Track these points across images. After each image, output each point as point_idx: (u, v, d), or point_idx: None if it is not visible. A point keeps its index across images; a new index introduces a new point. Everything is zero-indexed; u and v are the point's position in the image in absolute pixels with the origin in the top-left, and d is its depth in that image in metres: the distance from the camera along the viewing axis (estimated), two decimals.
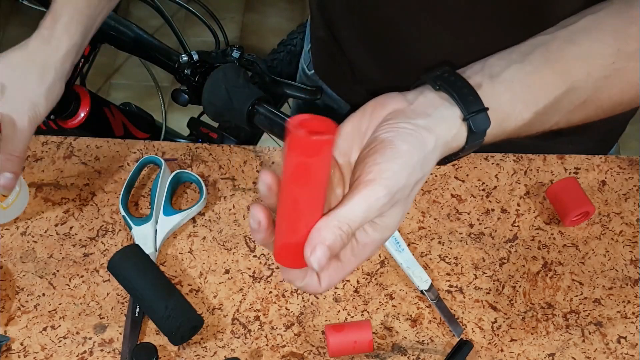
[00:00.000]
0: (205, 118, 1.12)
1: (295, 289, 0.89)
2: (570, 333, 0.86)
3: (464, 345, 0.82)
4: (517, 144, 0.95)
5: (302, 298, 0.88)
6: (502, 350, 0.85)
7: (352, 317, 0.87)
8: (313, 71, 1.12)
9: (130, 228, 0.92)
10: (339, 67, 1.02)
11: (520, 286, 0.89)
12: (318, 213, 0.54)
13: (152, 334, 0.86)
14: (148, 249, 0.90)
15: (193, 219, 0.94)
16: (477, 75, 0.65)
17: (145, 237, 0.91)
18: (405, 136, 0.59)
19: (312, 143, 0.48)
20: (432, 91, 0.62)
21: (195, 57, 0.98)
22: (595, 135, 1.01)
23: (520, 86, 0.65)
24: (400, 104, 0.62)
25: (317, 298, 0.88)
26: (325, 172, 0.52)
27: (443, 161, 0.66)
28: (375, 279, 0.90)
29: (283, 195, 0.53)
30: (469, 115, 0.62)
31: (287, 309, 0.88)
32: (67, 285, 0.89)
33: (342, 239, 0.55)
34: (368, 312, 0.87)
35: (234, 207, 0.95)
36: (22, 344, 0.85)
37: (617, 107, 0.71)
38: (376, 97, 0.63)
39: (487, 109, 0.62)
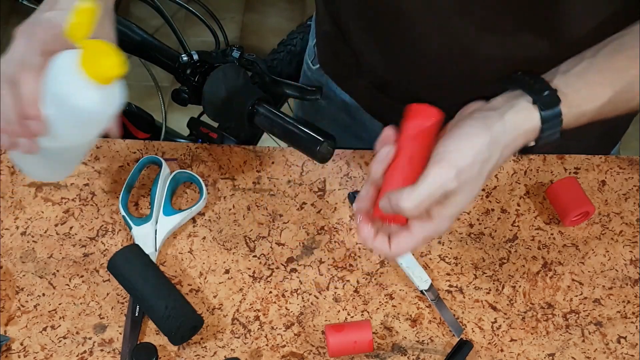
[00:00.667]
0: (205, 118, 1.12)
1: (295, 289, 0.89)
2: (570, 333, 0.86)
3: (464, 345, 0.82)
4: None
5: (302, 298, 0.88)
6: (502, 350, 0.85)
7: (352, 317, 0.87)
8: (318, 65, 1.12)
9: (130, 228, 0.92)
10: (345, 61, 1.02)
11: (520, 286, 0.89)
12: (416, 173, 0.67)
13: (152, 334, 0.86)
14: (148, 249, 0.90)
15: (193, 219, 0.94)
16: (549, 74, 0.71)
17: (145, 237, 0.91)
18: (471, 121, 0.67)
19: (431, 111, 0.69)
20: (508, 92, 0.70)
21: (195, 57, 0.97)
22: (597, 132, 1.00)
23: (594, 73, 0.71)
24: (479, 104, 0.70)
25: (317, 298, 0.88)
26: (432, 140, 0.68)
27: (528, 150, 0.72)
28: (375, 279, 0.90)
29: (400, 153, 0.69)
30: (537, 97, 0.68)
31: (287, 309, 0.88)
32: (67, 285, 0.89)
33: (400, 208, 0.66)
34: (368, 312, 0.87)
35: (234, 207, 0.95)
36: (22, 344, 0.85)
37: None
38: None
39: (556, 90, 0.69)
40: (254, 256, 0.92)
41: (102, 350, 0.85)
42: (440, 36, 0.87)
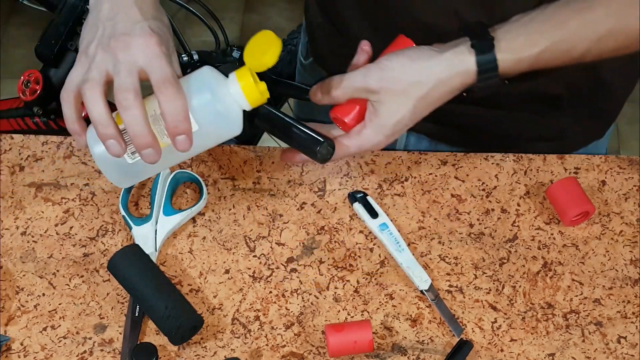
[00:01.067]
0: None
1: (295, 289, 0.89)
2: (570, 333, 0.86)
3: (464, 345, 0.82)
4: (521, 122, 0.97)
5: (302, 298, 0.88)
6: (502, 350, 0.85)
7: (352, 317, 0.87)
8: (311, 59, 1.11)
9: (130, 228, 0.92)
10: (339, 51, 1.02)
11: (520, 286, 0.89)
12: None
13: (152, 334, 0.86)
14: (148, 249, 0.90)
15: (193, 219, 0.94)
16: (503, 23, 0.79)
17: (145, 237, 0.91)
18: (415, 48, 0.82)
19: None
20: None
21: (196, 57, 0.98)
22: (594, 110, 1.00)
23: (536, 23, 0.78)
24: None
25: (317, 298, 0.88)
26: None
27: (467, 90, 0.81)
28: (375, 279, 0.90)
29: None
30: (475, 42, 0.77)
31: (287, 309, 0.88)
32: (67, 285, 0.89)
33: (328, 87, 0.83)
34: (368, 312, 0.87)
35: (234, 207, 0.95)
36: (22, 344, 0.85)
37: None
38: None
39: (492, 37, 0.77)
40: (254, 256, 0.92)
41: (102, 350, 0.85)
42: (439, 16, 0.87)
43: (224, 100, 0.74)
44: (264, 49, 0.74)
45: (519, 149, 1.00)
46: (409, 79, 0.79)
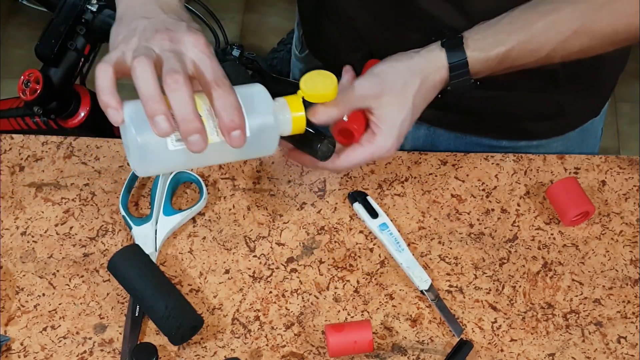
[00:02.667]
0: None
1: (295, 289, 0.89)
2: (570, 333, 0.86)
3: (464, 345, 0.82)
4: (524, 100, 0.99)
5: (302, 298, 0.88)
6: (502, 350, 0.85)
7: (352, 317, 0.87)
8: (306, 52, 1.12)
9: (130, 228, 0.92)
10: (333, 37, 1.02)
11: (520, 286, 0.89)
12: None
13: (152, 334, 0.86)
14: (148, 249, 0.90)
15: (193, 219, 0.94)
16: (477, 25, 0.83)
17: (145, 237, 0.91)
18: (395, 55, 0.85)
19: None
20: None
21: None
22: (590, 85, 1.01)
23: (504, 24, 0.82)
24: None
25: (317, 298, 0.88)
26: None
27: (444, 90, 0.85)
28: (375, 279, 0.90)
29: None
30: (444, 41, 0.82)
31: (287, 309, 0.88)
32: (67, 285, 0.89)
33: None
34: (368, 312, 0.87)
35: (234, 207, 0.95)
36: (22, 344, 0.85)
37: (613, 37, 0.83)
38: None
39: (462, 36, 0.82)
40: (254, 256, 0.92)
41: (102, 350, 0.85)
42: (436, 3, 0.88)
43: (273, 121, 0.74)
44: (323, 82, 0.77)
45: (518, 129, 1.00)
46: (402, 78, 0.82)
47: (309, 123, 0.85)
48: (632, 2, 0.80)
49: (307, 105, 0.78)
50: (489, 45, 0.82)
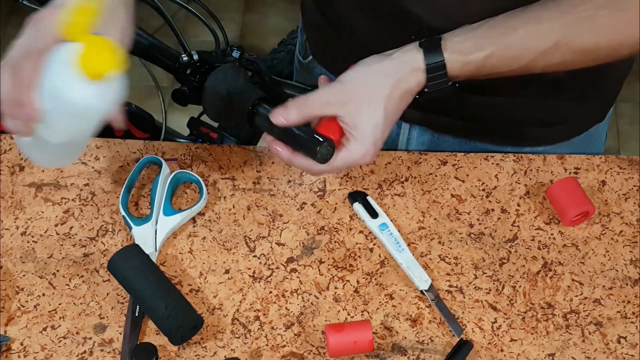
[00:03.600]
0: (205, 118, 1.12)
1: (295, 289, 0.89)
2: (570, 333, 0.86)
3: (464, 345, 0.82)
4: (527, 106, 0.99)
5: (302, 298, 0.88)
6: (502, 350, 0.85)
7: (352, 317, 0.87)
8: (310, 58, 1.12)
9: (130, 228, 0.92)
10: (337, 46, 1.02)
11: (520, 286, 0.89)
12: None
13: (152, 334, 0.86)
14: (148, 249, 0.90)
15: (193, 219, 0.94)
16: (450, 31, 0.82)
17: (145, 237, 0.91)
18: (367, 59, 0.84)
19: None
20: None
21: (196, 57, 0.97)
22: (594, 91, 1.01)
23: (484, 29, 0.81)
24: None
25: (317, 298, 0.88)
26: None
27: (421, 92, 0.83)
28: (375, 279, 0.90)
29: None
30: (422, 42, 0.80)
31: (287, 309, 0.88)
32: (67, 285, 0.89)
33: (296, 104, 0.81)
34: (368, 312, 0.87)
35: (234, 207, 0.95)
36: (22, 344, 0.85)
37: (595, 52, 0.82)
38: None
39: (440, 38, 0.80)
40: (254, 256, 0.92)
41: (102, 350, 0.85)
42: (434, 10, 0.87)
43: (62, 74, 0.70)
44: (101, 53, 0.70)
45: (522, 135, 1.00)
46: (371, 82, 0.81)
47: (307, 124, 0.85)
48: (613, 20, 0.79)
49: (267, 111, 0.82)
50: (467, 49, 0.81)
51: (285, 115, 0.81)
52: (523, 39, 0.80)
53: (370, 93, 0.81)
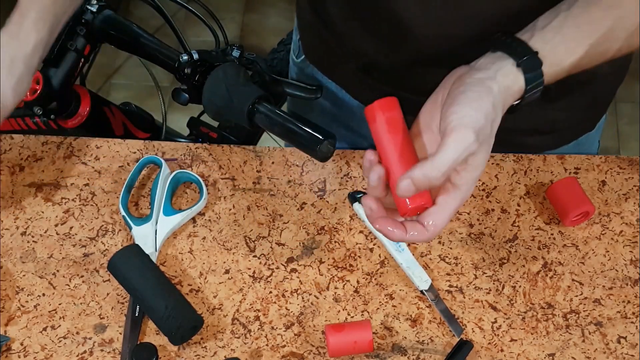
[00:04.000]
0: (205, 117, 1.12)
1: (295, 289, 0.89)
2: (570, 333, 0.86)
3: (464, 345, 0.82)
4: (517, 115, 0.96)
5: (302, 298, 0.88)
6: (502, 350, 0.85)
7: (352, 317, 0.87)
8: (303, 57, 1.12)
9: (130, 228, 0.92)
10: (329, 48, 1.02)
11: (520, 286, 0.89)
12: (413, 155, 0.70)
13: (152, 334, 0.86)
14: (148, 249, 0.90)
15: (193, 219, 0.94)
16: (528, 32, 0.74)
17: (145, 237, 0.91)
18: (471, 86, 0.69)
19: (390, 101, 0.70)
20: (490, 53, 0.73)
21: (196, 56, 0.97)
22: (585, 100, 1.00)
23: (569, 28, 0.74)
24: (464, 69, 0.72)
25: (317, 298, 0.88)
26: (402, 122, 0.70)
27: (512, 109, 0.74)
28: (375, 279, 0.90)
29: (383, 150, 0.69)
30: (520, 60, 0.71)
31: (287, 309, 0.88)
32: (67, 285, 0.89)
33: (428, 180, 0.65)
34: (368, 312, 0.87)
35: (234, 207, 0.95)
36: (22, 344, 0.85)
37: None
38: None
39: (537, 52, 0.72)
40: (254, 256, 0.92)
41: (102, 350, 0.85)
42: (422, 13, 0.87)
43: None
44: None
45: (512, 143, 1.00)
46: (490, 119, 0.69)
47: (307, 122, 0.85)
48: None
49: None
50: (562, 56, 0.73)
51: (430, 182, 0.67)
52: (610, 30, 0.74)
53: (492, 131, 0.70)
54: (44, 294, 0.89)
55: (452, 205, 0.69)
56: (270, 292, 0.89)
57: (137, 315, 0.86)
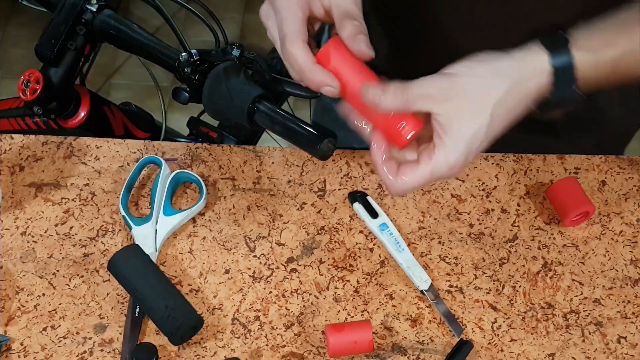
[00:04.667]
0: (205, 117, 1.12)
1: (295, 289, 0.89)
2: (570, 333, 0.86)
3: (464, 345, 0.82)
4: (518, 143, 0.94)
5: (302, 298, 0.88)
6: (502, 350, 0.85)
7: (352, 317, 0.87)
8: None
9: (130, 228, 0.92)
10: None
11: (520, 286, 0.89)
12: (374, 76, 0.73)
13: (152, 334, 0.86)
14: (148, 249, 0.90)
15: (193, 219, 0.94)
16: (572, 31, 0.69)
17: (145, 237, 0.91)
18: (477, 63, 0.68)
19: (332, 42, 0.74)
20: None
21: (196, 55, 0.97)
22: (593, 140, 1.00)
23: (613, 25, 0.69)
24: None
25: (317, 298, 0.88)
26: (351, 54, 0.73)
27: (545, 105, 0.70)
28: (375, 279, 0.90)
29: (347, 81, 0.73)
30: (545, 39, 0.67)
31: (287, 309, 0.88)
32: (67, 285, 0.89)
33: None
34: (368, 312, 0.87)
35: (234, 207, 0.95)
36: (22, 344, 0.85)
37: None
38: None
39: (565, 33, 0.67)
40: (254, 256, 0.92)
41: (102, 350, 0.85)
42: (458, 21, 0.85)
43: None
44: None
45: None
46: (482, 81, 0.66)
47: (308, 123, 0.85)
48: None
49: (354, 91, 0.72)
50: (598, 45, 0.67)
51: (383, 98, 0.67)
52: None
53: (478, 93, 0.66)
54: (44, 294, 0.89)
55: (427, 165, 0.68)
56: (270, 292, 0.89)
57: (137, 315, 0.86)
